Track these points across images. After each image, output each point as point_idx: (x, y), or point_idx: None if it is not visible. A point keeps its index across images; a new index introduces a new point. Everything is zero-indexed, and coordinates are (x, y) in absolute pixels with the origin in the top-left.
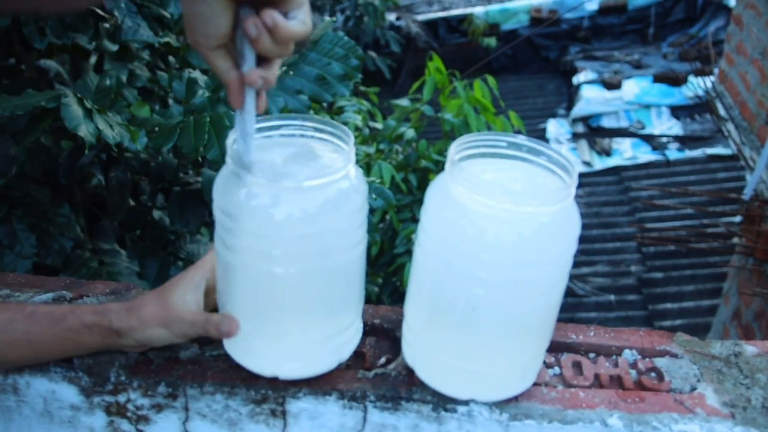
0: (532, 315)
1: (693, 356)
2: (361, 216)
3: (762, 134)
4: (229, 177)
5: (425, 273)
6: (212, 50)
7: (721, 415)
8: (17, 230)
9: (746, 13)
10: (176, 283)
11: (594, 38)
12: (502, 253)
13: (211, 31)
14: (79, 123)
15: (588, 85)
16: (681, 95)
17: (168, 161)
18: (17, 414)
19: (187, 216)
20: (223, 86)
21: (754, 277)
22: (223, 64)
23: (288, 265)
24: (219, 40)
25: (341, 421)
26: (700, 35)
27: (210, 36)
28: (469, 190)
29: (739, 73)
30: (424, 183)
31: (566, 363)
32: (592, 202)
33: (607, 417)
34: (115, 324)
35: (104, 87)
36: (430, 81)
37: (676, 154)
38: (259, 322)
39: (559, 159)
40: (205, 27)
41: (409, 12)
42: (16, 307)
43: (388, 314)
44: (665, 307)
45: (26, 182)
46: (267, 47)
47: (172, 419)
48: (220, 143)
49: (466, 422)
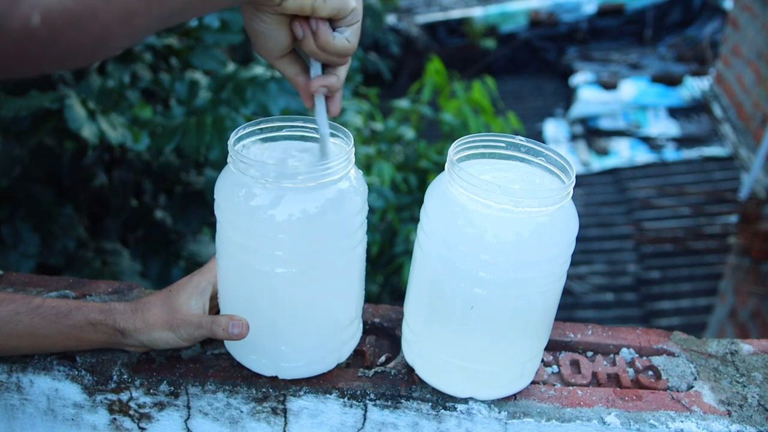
0: (531, 314)
1: (690, 355)
2: (361, 216)
3: (758, 135)
4: (231, 177)
5: (425, 272)
6: (277, 60)
7: (717, 413)
8: (21, 230)
9: (742, 16)
10: (182, 287)
11: (592, 40)
12: (501, 252)
13: (270, 44)
14: (82, 124)
15: (586, 87)
16: (678, 96)
17: (170, 162)
18: (21, 412)
19: (189, 216)
20: (224, 87)
21: (750, 277)
22: (289, 70)
23: (288, 265)
24: (280, 52)
25: (341, 419)
26: (697, 37)
27: (269, 49)
28: (468, 190)
29: (735, 75)
30: (424, 183)
31: (564, 361)
32: (590, 202)
33: (605, 415)
34: (120, 324)
35: (107, 88)
36: (429, 82)
37: (673, 155)
38: (260, 322)
39: (557, 159)
40: (265, 41)
41: (408, 14)
42: (22, 299)
43: (388, 313)
44: (662, 306)
45: (30, 183)
46: (313, 51)
47: (174, 417)
48: (222, 144)
49: (466, 420)
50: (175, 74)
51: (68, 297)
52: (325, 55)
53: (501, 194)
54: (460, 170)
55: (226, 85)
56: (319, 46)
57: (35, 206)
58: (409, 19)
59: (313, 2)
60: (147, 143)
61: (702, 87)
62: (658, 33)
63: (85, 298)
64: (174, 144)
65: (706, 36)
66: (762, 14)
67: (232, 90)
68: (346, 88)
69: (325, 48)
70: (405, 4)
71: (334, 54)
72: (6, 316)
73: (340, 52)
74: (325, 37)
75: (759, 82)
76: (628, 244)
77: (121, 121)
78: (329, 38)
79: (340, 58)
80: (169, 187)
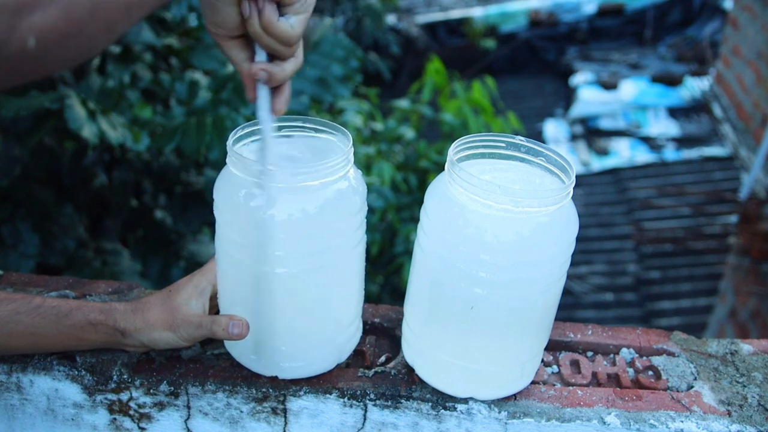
0: (531, 314)
1: (690, 355)
2: (360, 216)
3: (758, 135)
4: (230, 177)
5: (425, 272)
6: (226, 40)
7: (717, 413)
8: (21, 230)
9: (742, 16)
10: (182, 287)
11: (592, 40)
12: (501, 252)
13: (219, 19)
14: (83, 124)
15: (586, 87)
16: (678, 96)
17: (170, 162)
18: (21, 412)
19: (189, 216)
20: (224, 87)
21: (750, 277)
22: (237, 55)
23: (288, 266)
24: (229, 31)
25: (341, 419)
26: (697, 37)
27: (219, 25)
28: (468, 190)
29: (735, 75)
30: (424, 183)
31: (564, 361)
32: (590, 202)
33: (605, 415)
34: (120, 324)
35: (107, 88)
36: (429, 82)
37: (673, 155)
38: (260, 322)
39: (557, 159)
40: (215, 16)
41: (408, 14)
42: (23, 299)
43: (388, 313)
44: (662, 306)
45: (30, 183)
46: (257, 32)
47: (174, 417)
48: (222, 144)
49: (466, 420)
50: (175, 74)
51: (68, 297)
52: (269, 39)
53: (501, 194)
54: (460, 170)
55: (226, 85)
56: (262, 26)
57: (35, 206)
58: (409, 19)
59: None
60: (147, 143)
61: (702, 87)
62: (658, 33)
63: (85, 298)
64: (174, 144)
65: (706, 36)
66: (762, 14)
67: (232, 90)
68: (347, 88)
69: (268, 29)
70: (405, 4)
71: (277, 38)
72: (6, 315)
73: (282, 37)
74: (269, 18)
75: (759, 82)
76: (628, 244)
77: (121, 121)
78: (273, 20)
79: (284, 46)
80: (169, 187)
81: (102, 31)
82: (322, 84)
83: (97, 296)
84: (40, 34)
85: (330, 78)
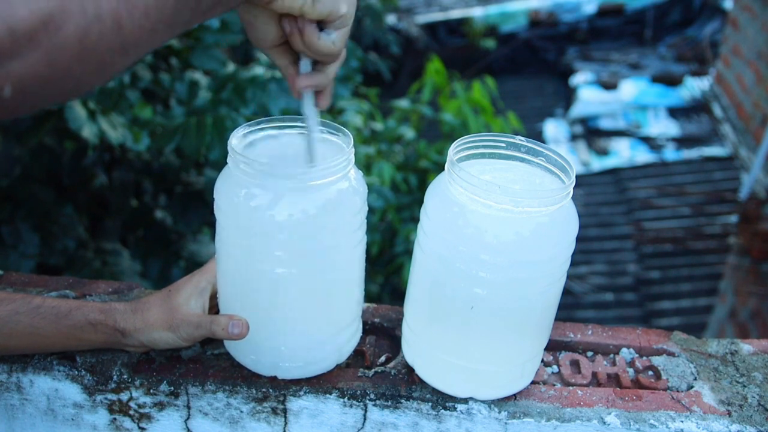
0: (531, 314)
1: (690, 355)
2: (361, 217)
3: (758, 135)
4: (230, 177)
5: (425, 272)
6: (268, 50)
7: (717, 413)
8: (21, 230)
9: (742, 16)
10: (182, 287)
11: (592, 40)
12: (501, 252)
13: (260, 36)
14: (83, 124)
15: (586, 87)
16: (678, 96)
17: (170, 162)
18: (21, 412)
19: (189, 216)
20: (224, 87)
21: (750, 277)
22: (281, 60)
23: (288, 266)
24: (270, 43)
25: (342, 419)
26: (697, 37)
27: (260, 40)
28: (468, 190)
29: (735, 75)
30: (424, 183)
31: (564, 361)
32: (590, 202)
33: (605, 415)
34: (120, 324)
35: (107, 88)
36: (429, 82)
37: (673, 155)
38: (260, 322)
39: (557, 159)
40: (255, 33)
41: (408, 14)
42: (22, 299)
43: (388, 313)
44: (662, 306)
45: (30, 183)
46: (300, 49)
47: (174, 417)
48: (222, 144)
49: (466, 420)
50: (175, 74)
51: (68, 297)
52: (312, 53)
53: (501, 194)
54: (460, 170)
55: (226, 85)
56: (305, 45)
57: (35, 206)
58: (409, 19)
59: (301, 6)
60: (147, 143)
61: (702, 87)
62: (658, 33)
63: (85, 298)
64: (174, 144)
65: (706, 36)
66: (762, 14)
67: (232, 90)
68: (347, 88)
69: (310, 48)
70: (405, 4)
71: (319, 54)
72: (6, 315)
73: (325, 53)
74: (310, 37)
75: (759, 82)
76: (628, 244)
77: (121, 121)
78: (314, 39)
79: (327, 57)
80: (169, 187)
81: (91, 73)
82: None
83: (97, 296)
84: (18, 82)
85: None
